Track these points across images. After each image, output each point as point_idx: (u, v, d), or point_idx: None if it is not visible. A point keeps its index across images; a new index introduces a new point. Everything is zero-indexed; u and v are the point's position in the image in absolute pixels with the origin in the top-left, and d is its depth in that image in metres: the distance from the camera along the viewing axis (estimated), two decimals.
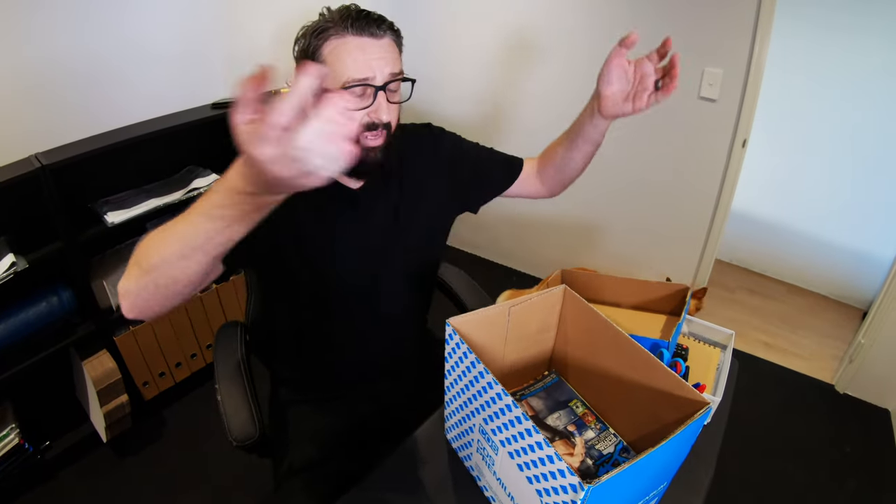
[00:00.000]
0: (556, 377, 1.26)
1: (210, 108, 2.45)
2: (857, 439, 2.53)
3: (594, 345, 1.15)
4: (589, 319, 1.13)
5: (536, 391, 1.22)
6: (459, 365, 1.02)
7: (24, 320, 2.07)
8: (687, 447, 0.98)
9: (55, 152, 2.03)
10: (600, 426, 1.15)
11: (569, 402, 1.19)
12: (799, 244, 3.62)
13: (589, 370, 1.18)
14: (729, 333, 1.45)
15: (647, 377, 1.03)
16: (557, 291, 1.16)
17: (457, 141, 1.53)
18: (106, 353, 2.26)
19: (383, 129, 1.20)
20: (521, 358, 1.22)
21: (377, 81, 1.15)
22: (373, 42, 1.14)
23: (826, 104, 3.22)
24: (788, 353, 3.09)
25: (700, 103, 2.63)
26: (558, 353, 1.26)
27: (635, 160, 2.93)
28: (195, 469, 2.31)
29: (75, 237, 2.10)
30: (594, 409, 1.19)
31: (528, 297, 1.11)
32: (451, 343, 1.02)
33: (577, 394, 1.22)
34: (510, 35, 3.10)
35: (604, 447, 1.10)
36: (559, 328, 1.24)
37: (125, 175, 2.36)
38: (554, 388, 1.23)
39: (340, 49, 1.13)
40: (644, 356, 1.02)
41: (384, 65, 1.15)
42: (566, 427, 1.13)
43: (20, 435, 2.11)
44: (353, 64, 1.13)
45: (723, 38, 2.47)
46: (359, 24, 1.12)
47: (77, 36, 2.10)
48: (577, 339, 1.20)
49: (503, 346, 1.16)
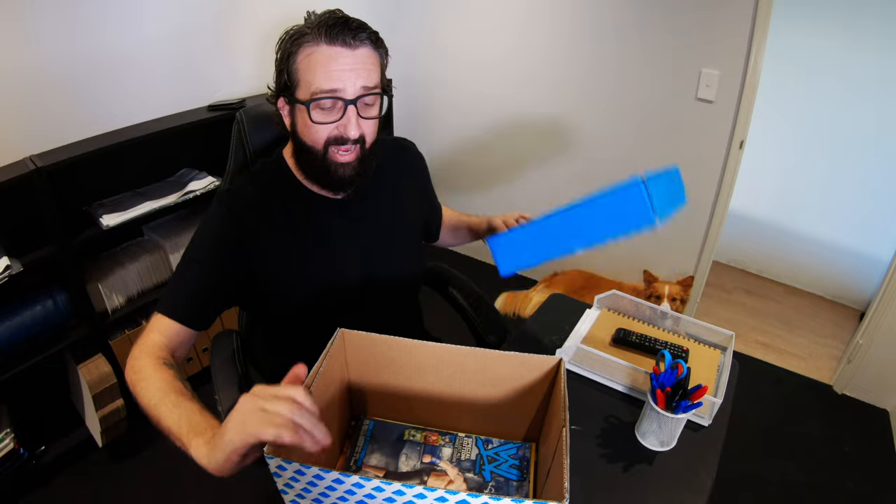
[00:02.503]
0: (371, 420, 1.17)
1: (206, 110, 2.44)
2: (855, 439, 2.53)
3: (388, 368, 1.08)
4: (371, 346, 1.06)
5: (364, 448, 1.10)
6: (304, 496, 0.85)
7: (18, 324, 2.05)
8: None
9: (50, 154, 2.02)
10: (448, 438, 1.12)
11: (402, 437, 1.12)
12: (796, 245, 3.63)
13: (395, 394, 1.12)
14: (729, 335, 1.46)
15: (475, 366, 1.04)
16: (337, 343, 1.02)
17: (427, 172, 1.56)
18: (101, 357, 2.24)
19: (355, 144, 1.17)
20: (328, 426, 0.95)
21: (347, 94, 1.10)
22: (346, 52, 1.09)
23: (823, 106, 3.23)
24: (786, 354, 3.09)
25: (697, 104, 2.63)
26: (356, 396, 1.15)
27: (632, 161, 2.93)
28: (190, 475, 2.28)
29: (70, 240, 2.08)
30: (429, 425, 1.15)
31: (318, 369, 0.95)
32: (284, 475, 0.81)
33: (404, 423, 1.15)
34: (511, 38, 3.10)
35: (465, 454, 1.08)
36: (348, 372, 1.11)
37: (120, 177, 2.34)
38: (378, 433, 1.13)
39: (312, 57, 1.09)
40: (463, 353, 1.03)
41: (356, 77, 1.10)
42: (422, 461, 1.06)
43: (15, 440, 2.10)
44: (322, 74, 1.09)
45: (720, 39, 2.47)
46: (333, 32, 1.07)
47: (72, 38, 2.08)
48: (370, 374, 1.11)
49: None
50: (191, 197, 2.30)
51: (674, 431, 1.18)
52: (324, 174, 1.20)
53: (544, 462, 0.99)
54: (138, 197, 2.28)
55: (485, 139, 3.35)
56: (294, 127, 1.20)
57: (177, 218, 2.49)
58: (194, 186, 2.34)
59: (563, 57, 2.97)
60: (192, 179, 2.39)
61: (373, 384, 1.11)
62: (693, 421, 1.27)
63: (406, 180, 1.44)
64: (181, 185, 2.37)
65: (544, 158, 3.26)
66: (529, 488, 1.01)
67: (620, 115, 2.89)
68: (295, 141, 1.22)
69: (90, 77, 2.18)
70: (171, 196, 2.29)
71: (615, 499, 1.09)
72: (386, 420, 1.16)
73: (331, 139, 1.15)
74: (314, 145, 1.16)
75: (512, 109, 3.26)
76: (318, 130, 1.14)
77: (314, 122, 1.12)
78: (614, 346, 1.47)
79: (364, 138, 1.18)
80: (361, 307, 1.38)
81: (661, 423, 1.16)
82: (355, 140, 1.15)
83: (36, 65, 2.02)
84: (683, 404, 1.12)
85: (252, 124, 1.47)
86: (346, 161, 1.18)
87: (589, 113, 3.00)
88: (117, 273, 2.29)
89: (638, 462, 1.18)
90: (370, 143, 1.21)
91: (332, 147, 1.15)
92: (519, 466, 1.05)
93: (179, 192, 2.32)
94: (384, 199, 1.38)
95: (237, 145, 1.48)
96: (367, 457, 1.07)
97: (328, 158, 1.17)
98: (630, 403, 1.33)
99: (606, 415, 1.28)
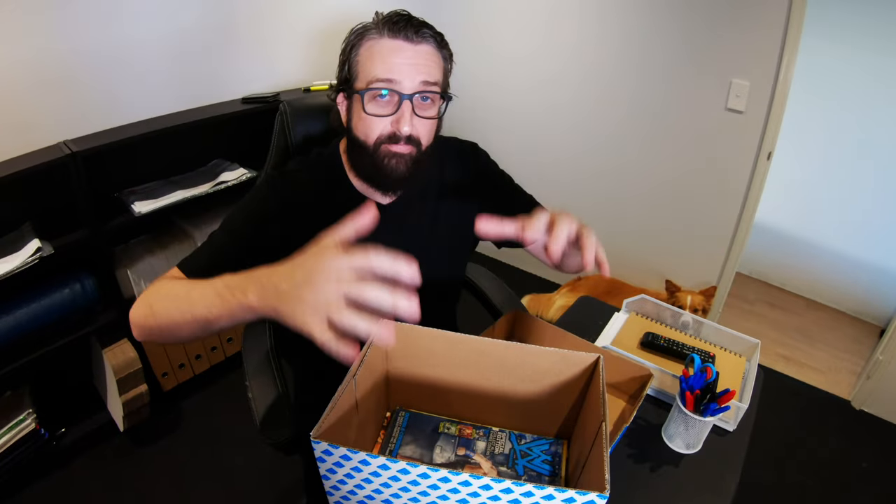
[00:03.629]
0: (406, 412, 1.16)
1: (241, 102, 2.46)
2: (873, 455, 2.52)
3: (429, 361, 1.08)
4: (414, 338, 1.05)
5: (399, 439, 1.09)
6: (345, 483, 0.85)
7: (46, 306, 2.08)
8: None
9: (84, 140, 2.05)
10: (483, 432, 1.12)
11: (437, 429, 1.12)
12: (819, 259, 3.62)
13: (433, 387, 1.12)
14: (754, 343, 1.46)
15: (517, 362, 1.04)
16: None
17: (502, 173, 1.46)
18: (127, 342, 2.26)
19: (408, 144, 1.14)
20: (366, 417, 1.04)
21: (404, 88, 1.09)
22: (407, 45, 1.09)
23: (849, 121, 3.23)
24: (806, 367, 3.08)
25: (727, 114, 2.63)
26: (393, 387, 1.15)
27: (660, 169, 2.94)
28: (211, 462, 2.31)
29: (101, 225, 2.11)
30: (463, 418, 1.15)
31: (361, 359, 0.96)
32: (329, 460, 0.80)
33: (439, 416, 1.15)
34: (540, 48, 3.12)
35: (499, 448, 1.08)
36: (388, 363, 1.11)
37: (152, 166, 2.38)
38: (413, 425, 1.12)
39: (374, 49, 1.09)
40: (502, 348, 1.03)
41: (415, 72, 1.09)
42: (456, 454, 1.07)
43: (36, 420, 2.13)
44: (380, 63, 1.08)
45: (751, 50, 2.47)
46: (396, 27, 1.08)
47: (109, 27, 2.12)
48: (409, 366, 1.10)
49: (356, 418, 0.99)
50: (223, 187, 2.33)
51: (700, 434, 1.19)
52: (374, 171, 1.18)
53: (577, 458, 1.00)
54: (170, 185, 2.31)
55: (509, 144, 3.37)
56: (350, 122, 1.19)
57: (207, 208, 2.52)
58: (226, 177, 2.36)
59: (590, 61, 2.98)
60: (224, 170, 2.42)
61: (411, 376, 1.11)
62: (718, 426, 1.28)
63: (457, 184, 1.37)
64: (213, 175, 2.40)
65: (570, 161, 3.27)
66: (561, 484, 1.02)
67: (650, 122, 2.89)
68: (349, 136, 1.21)
69: (125, 65, 2.22)
70: (203, 185, 2.31)
71: (641, 498, 1.10)
72: (421, 412, 1.16)
73: (384, 136, 1.13)
74: (366, 140, 1.15)
75: (539, 115, 3.28)
76: (372, 123, 1.13)
77: (367, 114, 1.11)
78: (642, 349, 1.48)
79: (419, 140, 1.15)
80: None
81: (688, 426, 1.17)
82: (408, 138, 1.13)
83: (74, 51, 2.06)
84: (712, 407, 1.12)
85: (295, 116, 1.48)
86: (398, 152, 1.14)
87: (618, 119, 3.01)
88: (146, 260, 2.32)
89: (664, 464, 1.18)
90: (425, 146, 1.18)
91: (384, 144, 1.13)
92: (551, 462, 1.06)
93: (211, 181, 2.34)
94: (428, 202, 1.34)
95: (280, 136, 1.49)
96: (401, 448, 1.07)
97: (379, 154, 1.14)
98: (657, 406, 1.34)
99: (634, 416, 1.29)
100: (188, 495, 2.19)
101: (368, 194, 1.27)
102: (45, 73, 2.01)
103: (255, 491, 2.20)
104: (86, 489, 2.19)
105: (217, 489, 2.21)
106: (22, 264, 1.86)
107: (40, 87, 2.02)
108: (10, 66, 1.93)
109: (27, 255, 1.88)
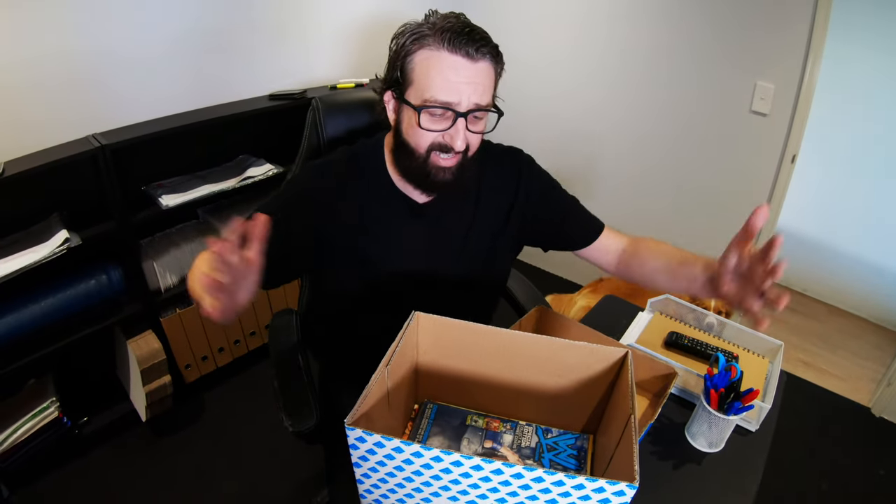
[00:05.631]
0: (434, 404, 1.17)
1: (268, 98, 2.48)
2: (891, 463, 2.50)
3: (459, 354, 1.09)
4: (446, 330, 1.06)
5: (427, 431, 1.10)
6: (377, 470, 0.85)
7: (72, 296, 2.12)
8: None
9: (113, 133, 2.08)
10: (510, 425, 1.12)
11: (464, 422, 1.12)
12: (840, 265, 3.59)
13: (462, 379, 1.12)
14: (778, 344, 1.47)
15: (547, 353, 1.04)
16: (412, 326, 1.03)
17: (547, 178, 1.44)
18: (151, 334, 2.29)
19: (458, 154, 1.15)
20: (396, 408, 1.05)
21: (461, 108, 1.10)
22: (466, 64, 1.07)
23: (875, 126, 3.20)
24: (826, 374, 3.06)
25: (751, 117, 2.61)
26: (422, 379, 1.15)
27: (683, 171, 2.93)
28: (231, 453, 2.34)
29: (129, 218, 2.14)
30: (490, 412, 1.15)
31: (394, 349, 0.96)
32: (362, 447, 0.81)
33: (466, 409, 1.16)
34: (568, 55, 3.14)
35: (525, 441, 1.09)
36: (417, 355, 1.12)
37: (180, 160, 2.40)
38: (440, 417, 1.13)
39: (431, 62, 1.08)
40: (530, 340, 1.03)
41: (472, 92, 1.09)
42: (483, 446, 1.07)
43: (59, 408, 2.16)
44: (440, 83, 1.08)
45: (776, 53, 2.46)
46: (457, 42, 1.06)
47: (135, 25, 2.16)
48: (439, 358, 1.11)
49: (387, 407, 1.00)
50: (249, 182, 2.35)
51: (723, 433, 1.20)
52: (422, 177, 1.19)
53: (603, 452, 1.01)
54: (197, 180, 2.34)
55: (534, 150, 3.36)
56: (399, 125, 1.20)
57: (232, 202, 2.55)
58: (253, 172, 2.38)
59: (616, 66, 2.98)
60: (250, 165, 2.44)
61: (440, 368, 1.12)
62: (741, 426, 1.28)
63: (498, 188, 1.37)
64: (240, 170, 2.42)
65: (596, 165, 3.27)
66: None
67: (674, 125, 2.88)
68: (397, 138, 1.21)
69: (154, 62, 2.25)
70: (230, 180, 2.34)
71: (664, 495, 1.11)
72: (449, 405, 1.16)
73: (435, 145, 1.14)
74: (417, 148, 1.16)
75: (564, 117, 3.28)
76: (424, 136, 1.14)
77: (422, 128, 1.12)
78: (666, 348, 1.48)
79: (468, 149, 1.17)
80: (422, 304, 1.38)
81: (711, 424, 1.18)
82: (458, 150, 1.14)
83: (102, 47, 2.09)
84: (735, 406, 1.13)
85: (328, 112, 1.50)
86: (447, 166, 1.17)
87: (642, 123, 3.00)
88: (171, 253, 2.35)
89: (687, 462, 1.19)
90: (472, 153, 1.20)
91: (434, 152, 1.15)
92: (577, 457, 1.07)
93: (238, 176, 2.37)
94: (467, 205, 1.34)
95: (311, 131, 1.51)
96: (429, 439, 1.08)
97: (429, 163, 1.16)
98: (681, 405, 1.34)
99: (658, 414, 1.29)
100: (209, 485, 2.21)
101: (407, 191, 1.28)
102: (75, 66, 2.04)
103: (275, 483, 2.22)
104: (107, 477, 2.23)
105: (237, 480, 2.23)
106: (50, 254, 1.89)
107: (70, 80, 2.05)
108: (38, 59, 1.96)
109: (55, 245, 1.91)
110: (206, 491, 2.19)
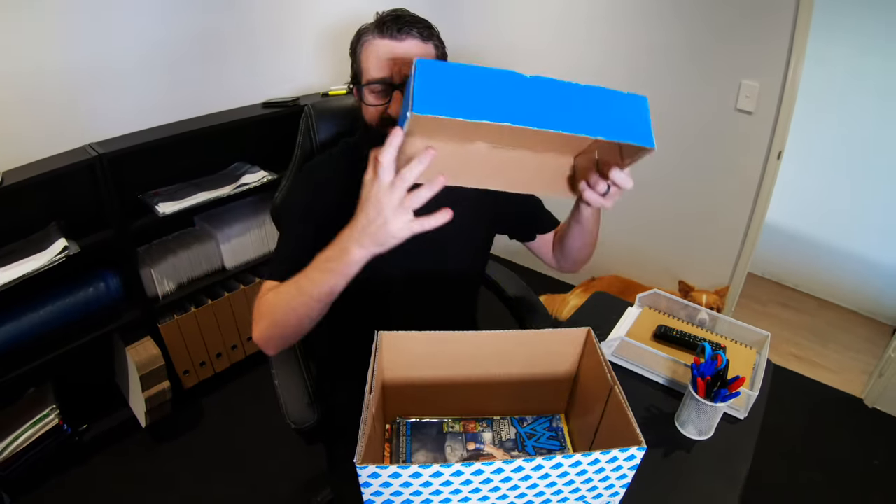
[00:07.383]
0: (407, 421, 1.16)
1: (261, 106, 2.51)
2: (885, 453, 2.53)
3: (426, 364, 1.10)
4: (408, 345, 1.07)
5: (408, 448, 1.09)
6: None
7: (71, 304, 2.13)
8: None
9: (108, 143, 2.10)
10: (485, 423, 1.15)
11: (441, 430, 1.13)
12: (831, 259, 3.63)
13: (431, 388, 1.13)
14: (764, 335, 1.49)
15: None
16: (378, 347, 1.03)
17: None
18: (150, 340, 2.31)
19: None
20: (373, 434, 0.98)
21: (394, 80, 1.22)
22: (393, 44, 1.20)
23: (860, 119, 3.24)
24: (818, 367, 3.09)
25: (737, 115, 2.66)
26: (389, 397, 1.13)
27: (670, 169, 2.96)
28: (231, 458, 2.36)
29: (126, 226, 2.16)
30: (463, 414, 1.17)
31: (371, 375, 0.95)
32: (376, 483, 0.80)
33: (440, 417, 1.17)
34: (548, 50, 3.17)
35: (504, 435, 1.12)
36: (383, 374, 1.09)
37: (175, 168, 2.42)
38: (417, 432, 1.13)
39: (368, 48, 1.22)
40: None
41: (403, 65, 1.21)
42: (467, 449, 1.09)
43: (59, 416, 2.17)
44: (374, 62, 1.21)
45: (760, 51, 2.50)
46: (385, 27, 1.20)
47: (130, 32, 2.18)
48: (405, 372, 1.10)
49: (374, 436, 0.96)
50: (244, 189, 2.38)
51: (711, 420, 1.22)
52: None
53: (583, 427, 1.05)
54: (192, 187, 2.36)
55: None
56: (360, 111, 1.31)
57: (227, 209, 2.57)
58: (248, 179, 2.41)
59: (599, 62, 3.03)
60: (245, 173, 2.47)
61: (408, 382, 1.12)
62: (729, 413, 1.31)
63: None
64: (234, 177, 2.45)
65: None
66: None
67: (659, 123, 2.88)
68: (362, 123, 1.32)
69: (148, 71, 2.27)
70: (225, 187, 2.36)
71: (654, 482, 1.13)
72: (421, 418, 1.17)
73: (386, 119, 1.24)
74: (371, 124, 1.28)
75: None
76: (371, 111, 1.26)
77: (366, 105, 1.26)
78: (655, 340, 1.51)
79: None
80: (408, 300, 1.44)
81: (699, 412, 1.21)
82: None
83: (96, 56, 2.12)
84: (722, 393, 1.16)
85: (320, 118, 1.55)
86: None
87: None
88: (169, 260, 2.37)
89: (676, 449, 1.22)
90: None
91: (382, 127, 1.24)
92: (556, 437, 1.11)
93: (233, 184, 2.39)
94: (446, 196, 1.37)
95: (304, 137, 1.56)
96: (413, 456, 1.08)
97: (378, 135, 1.19)
98: (670, 395, 1.37)
99: (648, 405, 1.32)
100: (209, 490, 2.23)
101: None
102: (71, 78, 2.07)
103: (275, 487, 2.24)
104: (107, 484, 2.24)
105: (237, 484, 2.25)
106: (48, 262, 1.90)
107: (65, 91, 2.08)
108: (36, 71, 1.99)
109: (54, 253, 1.92)
110: (206, 495, 2.21)
